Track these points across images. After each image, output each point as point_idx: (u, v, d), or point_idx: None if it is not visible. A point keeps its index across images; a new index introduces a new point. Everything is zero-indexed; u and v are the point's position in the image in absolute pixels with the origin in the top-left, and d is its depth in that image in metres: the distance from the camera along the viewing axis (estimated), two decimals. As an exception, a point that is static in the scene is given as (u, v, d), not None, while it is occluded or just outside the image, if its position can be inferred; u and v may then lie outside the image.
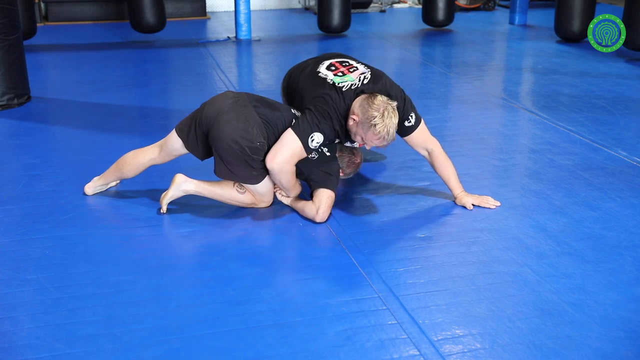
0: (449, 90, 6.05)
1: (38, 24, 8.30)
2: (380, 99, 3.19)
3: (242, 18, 8.21)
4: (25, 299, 2.66)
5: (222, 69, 6.69)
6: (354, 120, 3.21)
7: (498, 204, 3.50)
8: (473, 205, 3.47)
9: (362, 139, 3.25)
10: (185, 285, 2.77)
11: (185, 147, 3.38)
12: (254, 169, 3.23)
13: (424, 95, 5.70)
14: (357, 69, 3.41)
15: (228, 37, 8.35)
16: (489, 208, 3.46)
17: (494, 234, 3.20)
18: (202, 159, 3.43)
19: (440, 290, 2.74)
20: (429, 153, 3.48)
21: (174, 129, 3.40)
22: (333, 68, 3.42)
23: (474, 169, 4.02)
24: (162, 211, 3.36)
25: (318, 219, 3.25)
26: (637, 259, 2.98)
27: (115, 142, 4.45)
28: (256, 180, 3.28)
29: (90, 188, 3.60)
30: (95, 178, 3.63)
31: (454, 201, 3.53)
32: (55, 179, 3.82)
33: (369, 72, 3.38)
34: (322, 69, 3.42)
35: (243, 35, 8.27)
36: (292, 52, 7.58)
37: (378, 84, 3.34)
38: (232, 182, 3.35)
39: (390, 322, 2.52)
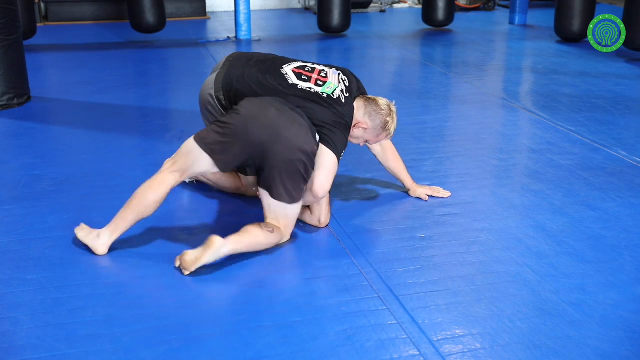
0: (449, 90, 6.04)
1: (38, 24, 8.30)
2: (382, 101, 3.25)
3: (242, 18, 8.21)
4: (25, 299, 2.66)
5: (222, 69, 6.67)
6: (363, 128, 3.23)
7: (449, 193, 3.60)
8: (428, 195, 3.57)
9: (366, 141, 3.30)
10: (186, 286, 2.77)
11: (219, 168, 2.98)
12: (305, 181, 3.01)
13: (424, 95, 5.70)
14: (326, 71, 3.31)
15: (228, 37, 8.35)
16: (442, 197, 3.56)
17: (494, 234, 3.20)
18: (225, 171, 3.18)
19: (440, 290, 2.74)
20: (381, 145, 3.49)
21: (208, 155, 2.92)
22: (305, 77, 3.24)
23: (474, 169, 4.03)
24: (185, 273, 2.81)
25: (322, 226, 3.26)
26: (637, 259, 2.98)
27: (115, 142, 4.45)
28: (300, 197, 3.03)
29: (106, 246, 2.96)
30: (105, 234, 2.96)
31: (407, 192, 3.60)
32: (55, 179, 3.82)
33: (339, 70, 3.35)
34: (295, 80, 3.22)
35: (243, 35, 8.27)
36: (292, 52, 7.56)
37: (352, 80, 3.33)
38: (259, 225, 2.96)
39: (390, 322, 2.52)
